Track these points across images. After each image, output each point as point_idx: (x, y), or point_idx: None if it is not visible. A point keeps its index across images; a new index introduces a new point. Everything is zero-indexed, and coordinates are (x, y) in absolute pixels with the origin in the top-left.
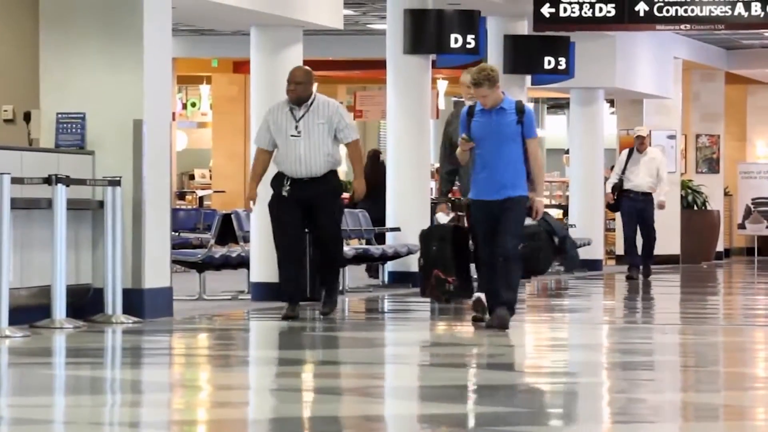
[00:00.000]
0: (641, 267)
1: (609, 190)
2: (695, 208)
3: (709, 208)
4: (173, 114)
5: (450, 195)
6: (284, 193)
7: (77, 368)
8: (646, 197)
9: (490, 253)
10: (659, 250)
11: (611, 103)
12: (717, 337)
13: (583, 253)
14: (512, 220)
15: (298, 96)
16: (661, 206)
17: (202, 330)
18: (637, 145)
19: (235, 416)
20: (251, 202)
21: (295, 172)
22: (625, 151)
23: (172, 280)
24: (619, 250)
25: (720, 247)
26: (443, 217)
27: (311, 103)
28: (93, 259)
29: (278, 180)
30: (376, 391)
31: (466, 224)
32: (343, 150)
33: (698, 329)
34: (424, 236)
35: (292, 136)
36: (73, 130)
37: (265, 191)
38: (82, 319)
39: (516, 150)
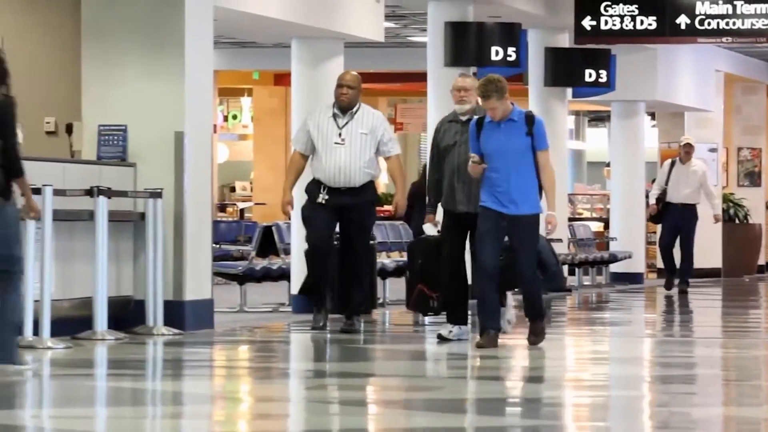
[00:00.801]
0: (678, 280)
1: (653, 201)
2: (737, 221)
3: (750, 221)
4: (214, 126)
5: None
6: (321, 201)
7: (118, 380)
8: (687, 209)
9: (492, 262)
10: (701, 263)
11: (652, 116)
12: (759, 350)
13: (625, 267)
14: (527, 244)
15: (350, 101)
16: (718, 219)
17: (243, 342)
18: (682, 155)
19: (275, 428)
20: (288, 207)
21: (333, 180)
22: (668, 162)
23: (213, 292)
24: (661, 263)
25: (762, 260)
26: (431, 229)
27: (356, 111)
28: (134, 271)
29: (314, 187)
30: (417, 403)
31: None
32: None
33: (740, 343)
34: (410, 249)
35: (335, 143)
36: (115, 142)
37: (299, 196)
38: (124, 330)
39: (527, 163)
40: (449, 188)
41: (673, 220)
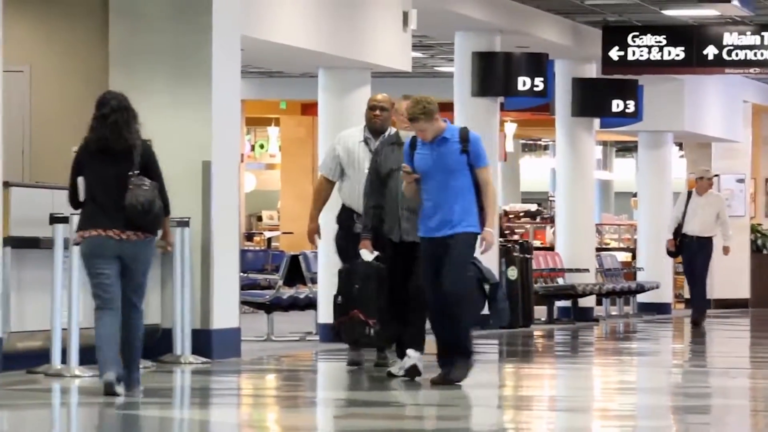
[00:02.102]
0: (692, 311)
1: (670, 235)
2: (765, 252)
3: None
4: (242, 155)
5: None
6: (356, 230)
7: (146, 408)
8: (702, 242)
9: (436, 296)
10: (729, 293)
11: (680, 146)
12: None
13: (652, 297)
14: (456, 258)
15: (383, 123)
16: (727, 252)
17: (270, 371)
18: (697, 187)
19: None
20: (316, 236)
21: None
22: (684, 194)
23: (241, 321)
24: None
25: None
26: (367, 254)
27: (387, 136)
28: (162, 300)
29: (347, 216)
30: None
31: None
32: None
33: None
34: (346, 274)
35: (367, 169)
36: None
37: (324, 224)
38: (151, 359)
39: (463, 182)
40: (392, 216)
41: (689, 252)
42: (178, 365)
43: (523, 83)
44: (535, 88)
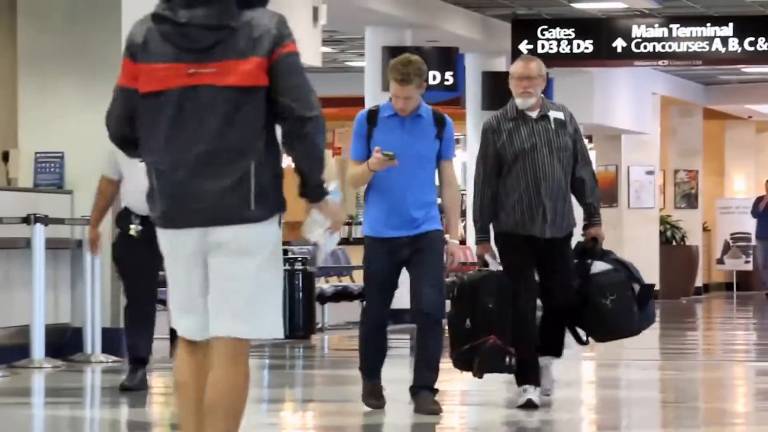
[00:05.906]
0: None
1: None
2: (674, 243)
3: (687, 243)
4: None
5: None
6: (131, 233)
7: (56, 408)
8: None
9: (381, 312)
10: None
11: (589, 138)
12: (696, 372)
13: None
14: (433, 265)
15: None
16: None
17: None
18: None
19: None
20: (97, 248)
21: (143, 208)
22: None
23: None
24: None
25: (699, 282)
26: (493, 262)
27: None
28: (72, 299)
29: (124, 217)
30: (354, 429)
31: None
32: None
33: (677, 365)
34: (471, 288)
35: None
36: (52, 169)
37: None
38: (61, 358)
39: (431, 173)
40: (527, 206)
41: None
42: (89, 364)
43: (433, 77)
44: (446, 82)
